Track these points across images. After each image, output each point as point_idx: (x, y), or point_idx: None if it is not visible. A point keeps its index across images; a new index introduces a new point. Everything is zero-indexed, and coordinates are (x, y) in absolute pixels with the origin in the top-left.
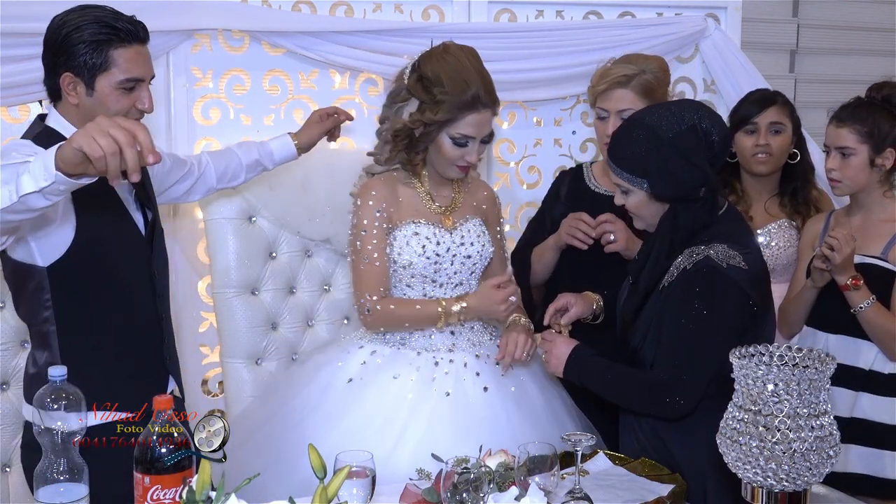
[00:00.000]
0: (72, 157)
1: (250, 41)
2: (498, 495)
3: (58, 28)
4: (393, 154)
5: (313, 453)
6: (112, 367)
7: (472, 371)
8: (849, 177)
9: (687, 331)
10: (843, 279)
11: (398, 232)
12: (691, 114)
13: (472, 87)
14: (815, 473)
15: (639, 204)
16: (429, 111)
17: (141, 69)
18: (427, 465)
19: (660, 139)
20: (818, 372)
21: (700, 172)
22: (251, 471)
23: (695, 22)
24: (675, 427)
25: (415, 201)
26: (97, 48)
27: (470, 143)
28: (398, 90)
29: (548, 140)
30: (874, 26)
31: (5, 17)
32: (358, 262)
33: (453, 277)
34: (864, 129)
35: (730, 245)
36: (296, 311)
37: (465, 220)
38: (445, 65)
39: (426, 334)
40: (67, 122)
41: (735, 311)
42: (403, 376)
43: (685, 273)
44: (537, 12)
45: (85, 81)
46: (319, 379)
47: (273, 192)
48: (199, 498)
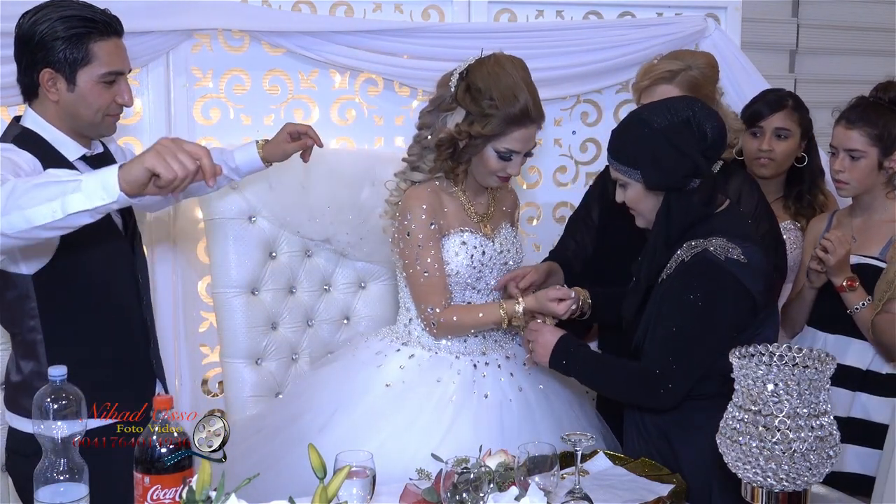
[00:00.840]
0: (140, 178)
1: (250, 41)
2: (498, 495)
3: (31, 24)
4: (437, 164)
5: (313, 453)
6: (101, 374)
7: (507, 372)
8: (857, 179)
9: (681, 322)
10: (839, 280)
11: (446, 241)
12: (686, 108)
13: (521, 101)
14: (815, 473)
15: (636, 198)
16: (477, 124)
17: (121, 62)
18: None
19: (651, 129)
20: (818, 372)
21: (690, 162)
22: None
23: (695, 22)
24: (681, 427)
25: (458, 210)
26: (77, 42)
27: (514, 157)
28: (443, 97)
29: (548, 140)
30: (874, 26)
31: (5, 17)
32: (417, 276)
33: (491, 284)
34: (874, 132)
35: (729, 239)
36: (296, 311)
37: (501, 228)
38: (496, 77)
39: (461, 339)
40: (45, 120)
41: (732, 303)
42: (445, 379)
43: (683, 265)
44: (537, 12)
45: (66, 77)
46: (357, 380)
47: (273, 192)
48: (199, 498)
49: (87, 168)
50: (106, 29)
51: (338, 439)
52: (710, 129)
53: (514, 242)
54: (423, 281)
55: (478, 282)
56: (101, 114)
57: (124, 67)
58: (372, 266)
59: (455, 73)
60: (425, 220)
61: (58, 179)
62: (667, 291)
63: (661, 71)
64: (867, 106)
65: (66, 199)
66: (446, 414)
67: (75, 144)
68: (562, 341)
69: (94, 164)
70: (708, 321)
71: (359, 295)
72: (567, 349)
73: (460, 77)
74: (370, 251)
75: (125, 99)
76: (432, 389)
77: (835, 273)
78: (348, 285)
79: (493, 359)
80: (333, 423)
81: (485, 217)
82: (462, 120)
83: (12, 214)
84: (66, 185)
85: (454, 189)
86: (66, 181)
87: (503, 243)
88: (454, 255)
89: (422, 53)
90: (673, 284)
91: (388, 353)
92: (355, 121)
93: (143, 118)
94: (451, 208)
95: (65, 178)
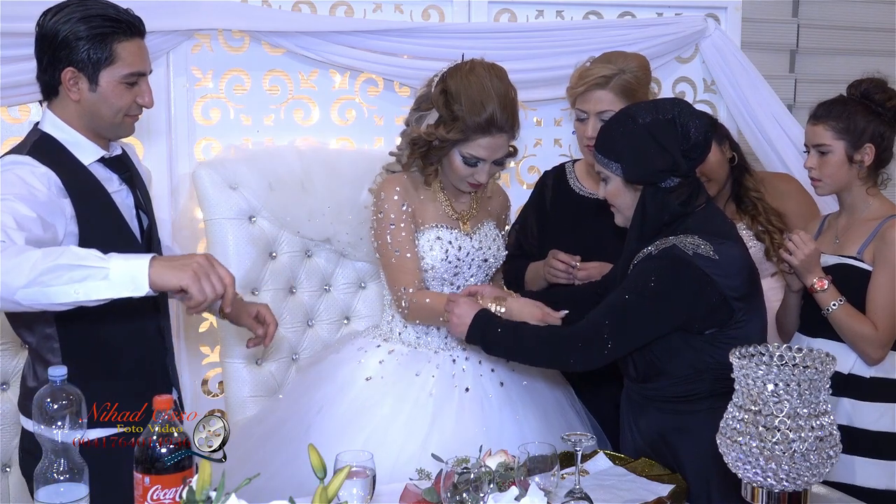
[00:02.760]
0: (171, 287)
1: (250, 41)
2: (498, 495)
3: (54, 23)
4: (410, 160)
5: (313, 453)
6: (118, 384)
7: (488, 368)
8: (827, 175)
9: (632, 297)
10: (809, 281)
11: (421, 236)
12: (673, 108)
13: (487, 109)
14: (815, 473)
15: (615, 191)
16: (443, 127)
17: (143, 63)
18: None
19: (636, 124)
20: (818, 372)
21: (670, 158)
22: (269, 471)
23: (695, 22)
24: (679, 426)
25: (434, 204)
26: (101, 42)
27: (480, 164)
28: (424, 97)
29: (548, 140)
30: (874, 26)
31: (5, 17)
32: (389, 256)
33: (469, 280)
34: (839, 126)
35: (701, 236)
36: (296, 311)
37: (482, 225)
38: (468, 83)
39: (441, 334)
40: (63, 121)
41: (692, 294)
42: (424, 373)
43: (650, 257)
44: (537, 12)
45: (88, 76)
46: (338, 376)
47: (273, 192)
48: (199, 498)
49: (106, 171)
50: (130, 29)
51: (323, 439)
52: (694, 130)
53: (494, 240)
54: (395, 261)
55: (455, 277)
56: (121, 114)
57: (146, 68)
58: (372, 266)
59: (438, 75)
60: (398, 201)
61: (84, 263)
62: (630, 275)
63: (595, 77)
64: (835, 101)
65: (91, 284)
66: (427, 408)
67: (93, 147)
68: (482, 313)
69: (113, 167)
70: (659, 303)
71: (359, 295)
72: (485, 322)
73: (440, 79)
74: (370, 251)
75: (146, 100)
76: (411, 383)
77: (803, 274)
78: (348, 285)
79: (474, 355)
80: (319, 421)
81: (465, 216)
82: (434, 121)
83: (32, 289)
84: (92, 271)
85: (431, 187)
86: (92, 267)
87: (482, 240)
88: (429, 249)
89: (422, 53)
90: (636, 269)
91: (368, 349)
92: (355, 121)
93: (143, 118)
94: (426, 201)
95: (92, 262)
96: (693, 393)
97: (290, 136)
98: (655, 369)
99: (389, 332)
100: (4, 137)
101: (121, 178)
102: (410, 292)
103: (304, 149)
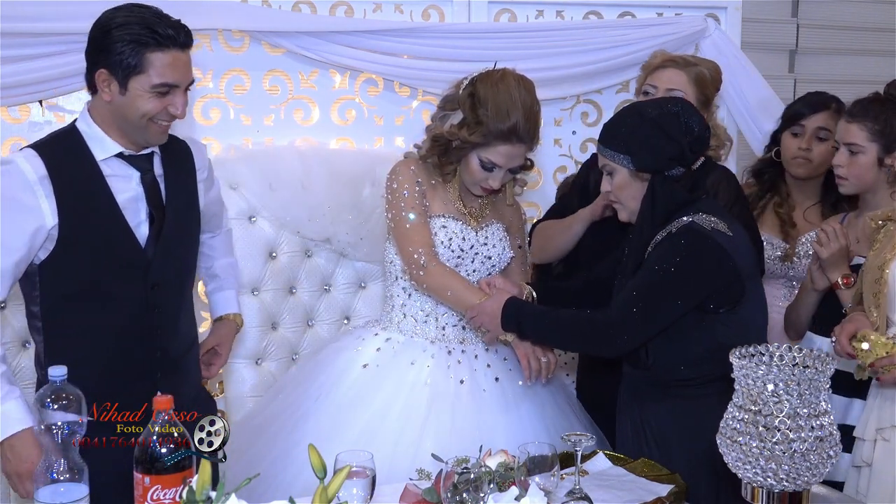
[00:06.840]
0: None
1: (250, 41)
2: (498, 495)
3: (104, 23)
4: (428, 154)
5: (313, 453)
6: (118, 383)
7: (483, 363)
8: (855, 175)
9: (657, 279)
10: (834, 276)
11: (429, 221)
12: (675, 105)
13: (512, 119)
14: (815, 473)
15: (621, 183)
16: (466, 129)
17: (176, 75)
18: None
19: (643, 118)
20: (818, 372)
21: (678, 147)
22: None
23: (695, 22)
24: (678, 425)
25: (445, 195)
26: (135, 50)
27: (496, 170)
28: (451, 97)
29: (548, 140)
30: (874, 26)
31: (5, 17)
32: (403, 223)
33: (472, 275)
34: (875, 127)
35: (713, 216)
36: (296, 311)
37: (490, 224)
38: (496, 90)
39: (439, 326)
40: (92, 117)
41: (713, 267)
42: (419, 363)
43: (669, 235)
44: (537, 12)
45: (118, 80)
46: (337, 363)
47: (273, 192)
48: (199, 498)
49: (124, 167)
50: (166, 40)
51: (320, 427)
52: (697, 125)
53: (501, 240)
54: (409, 226)
55: (457, 268)
56: (146, 118)
57: (179, 81)
58: (372, 266)
59: (467, 78)
60: (412, 177)
61: None
62: (652, 256)
63: (676, 55)
64: (873, 101)
65: None
66: (422, 399)
67: (113, 143)
68: (511, 301)
69: (133, 162)
70: (686, 277)
71: (359, 295)
72: (517, 307)
73: (470, 82)
74: (370, 251)
75: (178, 111)
76: (406, 372)
77: (830, 268)
78: (348, 285)
79: (470, 349)
80: (316, 409)
81: (474, 213)
82: (457, 122)
83: None
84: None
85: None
86: None
87: (489, 238)
88: (433, 235)
89: (422, 53)
90: (657, 250)
91: (366, 337)
92: (355, 121)
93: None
94: (438, 190)
95: None
96: (703, 375)
97: (290, 136)
98: (668, 351)
99: (388, 322)
100: (4, 137)
101: (142, 176)
102: (427, 258)
103: (304, 149)
